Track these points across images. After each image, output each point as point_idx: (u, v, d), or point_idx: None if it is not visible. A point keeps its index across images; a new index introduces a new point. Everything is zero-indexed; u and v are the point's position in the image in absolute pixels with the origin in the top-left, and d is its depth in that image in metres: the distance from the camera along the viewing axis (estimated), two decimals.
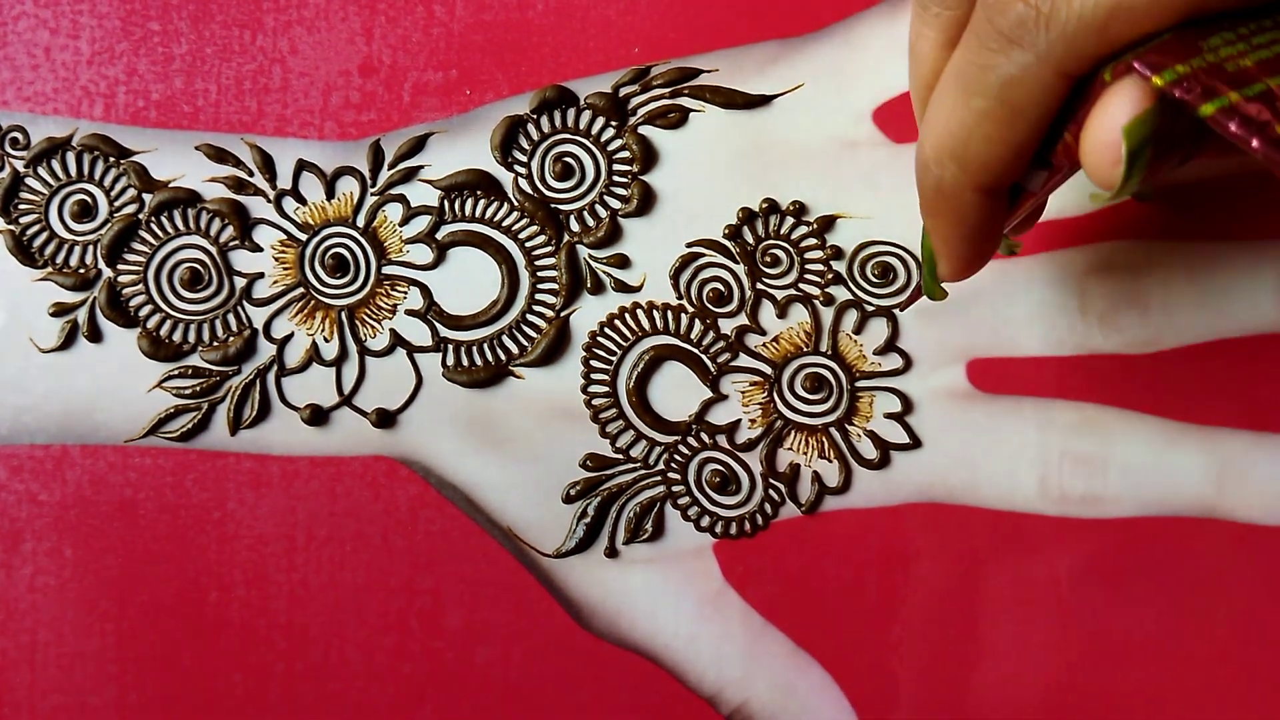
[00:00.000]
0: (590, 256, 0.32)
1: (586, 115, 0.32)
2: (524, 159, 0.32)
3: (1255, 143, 0.18)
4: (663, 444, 0.32)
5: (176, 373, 0.32)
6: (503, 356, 0.32)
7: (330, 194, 0.32)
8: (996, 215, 0.23)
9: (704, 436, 0.31)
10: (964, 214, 0.23)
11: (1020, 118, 0.21)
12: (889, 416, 0.31)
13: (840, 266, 0.31)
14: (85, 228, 0.32)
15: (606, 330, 0.32)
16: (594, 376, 0.32)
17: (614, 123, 0.32)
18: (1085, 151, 0.20)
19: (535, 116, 0.32)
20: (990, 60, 0.20)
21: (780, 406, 0.31)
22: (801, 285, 0.31)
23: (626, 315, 0.32)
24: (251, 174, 0.32)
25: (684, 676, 0.31)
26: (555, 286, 0.32)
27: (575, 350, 0.32)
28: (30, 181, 0.32)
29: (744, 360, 0.32)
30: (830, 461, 0.31)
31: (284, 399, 0.32)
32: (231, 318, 0.32)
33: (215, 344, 0.32)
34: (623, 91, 0.32)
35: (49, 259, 0.32)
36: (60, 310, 0.32)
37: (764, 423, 0.31)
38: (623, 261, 0.32)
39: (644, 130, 0.32)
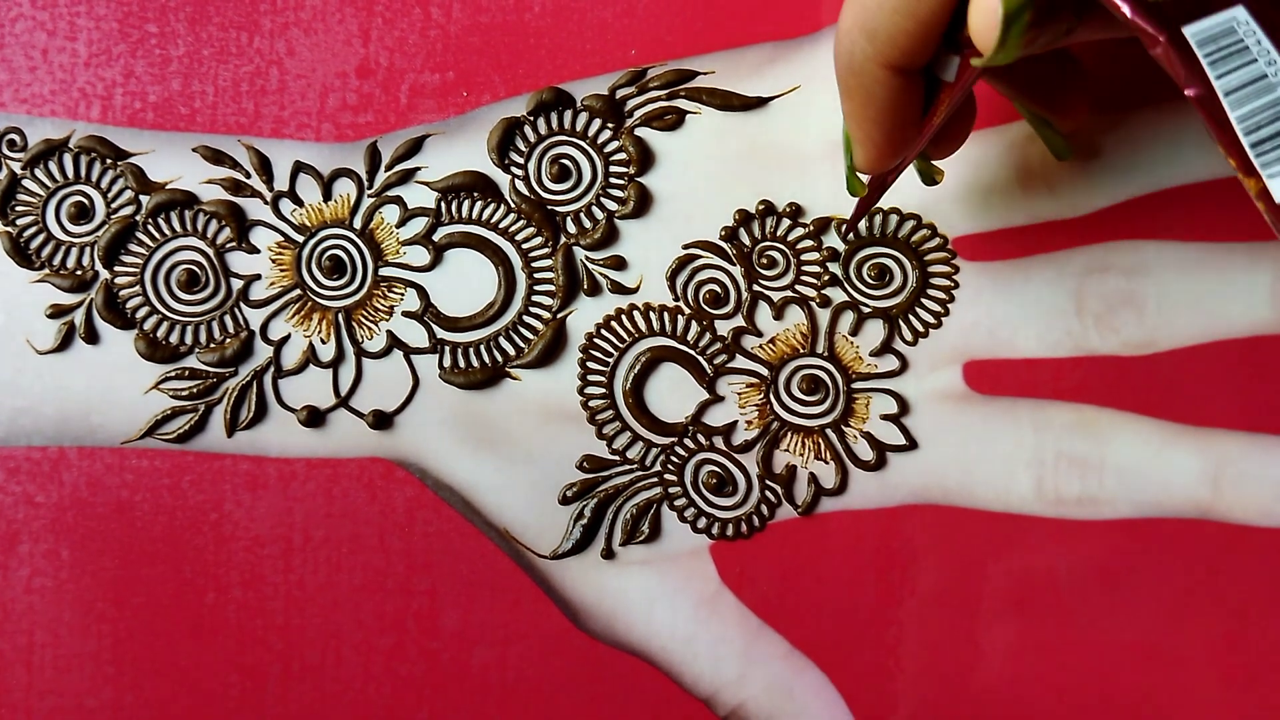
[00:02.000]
0: (587, 258, 0.32)
1: (583, 117, 0.32)
2: (521, 161, 0.32)
3: (1126, 8, 0.19)
4: (659, 445, 0.32)
5: (173, 374, 0.32)
6: (499, 358, 0.32)
7: (327, 196, 0.32)
8: (908, 100, 0.23)
9: (700, 438, 0.32)
10: (873, 92, 0.23)
11: None
12: (885, 418, 0.31)
13: (836, 268, 0.31)
14: (82, 229, 0.32)
15: (603, 332, 0.32)
16: (591, 378, 0.32)
17: (611, 124, 0.32)
18: (971, 16, 0.20)
19: (532, 118, 0.32)
20: None
21: (777, 408, 0.31)
22: (798, 287, 0.31)
23: (623, 317, 0.32)
24: (248, 176, 0.32)
25: (680, 678, 0.31)
26: (552, 288, 0.32)
27: (572, 352, 0.32)
28: (27, 183, 0.32)
29: (741, 362, 0.32)
30: (827, 463, 0.31)
31: (281, 400, 0.32)
32: (228, 319, 0.32)
33: (212, 346, 0.32)
34: (619, 93, 0.32)
35: (46, 260, 0.32)
36: (57, 312, 0.32)
37: (761, 424, 0.31)
38: (619, 263, 0.32)
39: (641, 132, 0.32)
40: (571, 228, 0.32)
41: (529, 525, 0.32)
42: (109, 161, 0.32)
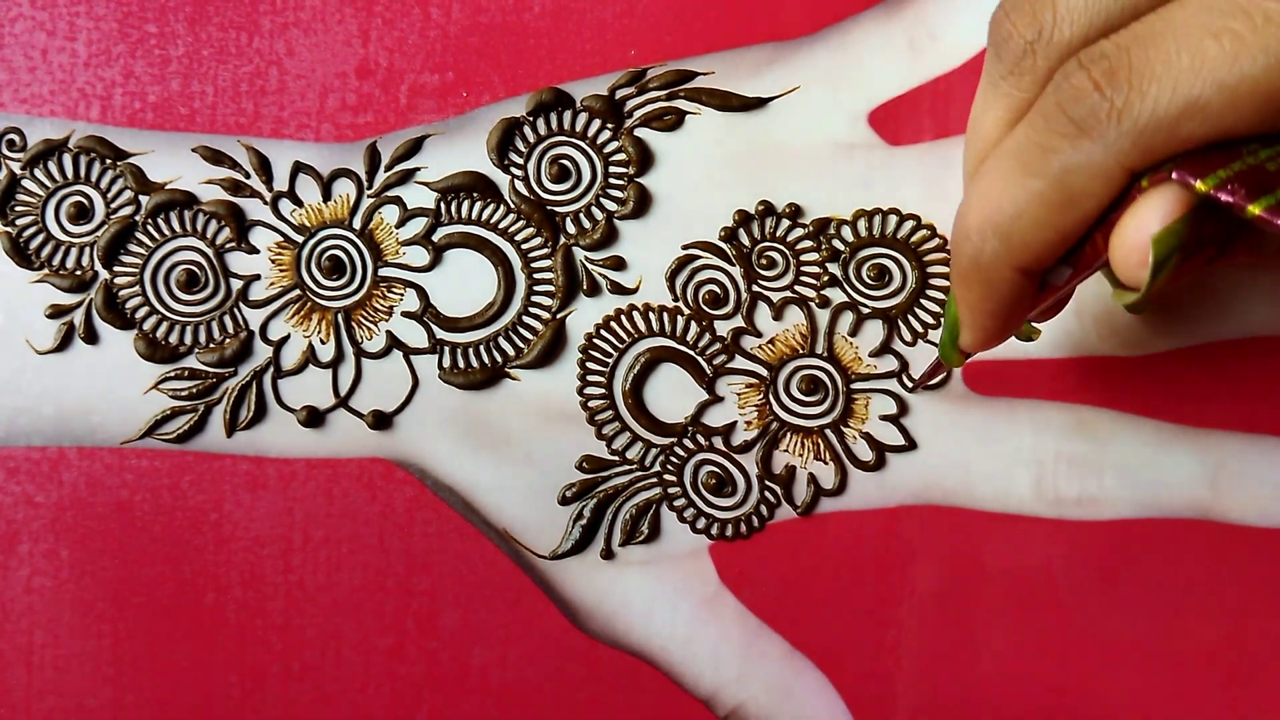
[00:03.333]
0: (586, 259, 0.32)
1: (583, 117, 0.32)
2: (520, 161, 0.32)
3: None
4: (659, 446, 0.32)
5: (173, 374, 0.32)
6: (499, 358, 0.32)
7: (327, 196, 0.32)
8: (1027, 296, 0.23)
9: (700, 438, 0.32)
10: (997, 289, 0.23)
11: (1074, 206, 0.21)
12: (884, 418, 0.31)
13: (836, 268, 0.31)
14: (82, 229, 0.32)
15: (603, 332, 0.32)
16: (590, 378, 0.32)
17: (610, 125, 0.32)
18: (1114, 249, 0.20)
19: (531, 119, 0.32)
20: (1055, 144, 0.20)
21: (776, 408, 0.32)
22: (797, 287, 0.32)
23: (623, 317, 0.32)
24: (248, 176, 0.32)
25: (680, 678, 0.31)
26: (551, 288, 0.32)
27: (571, 352, 0.32)
28: (27, 183, 0.32)
29: (740, 362, 0.32)
30: (826, 463, 0.31)
31: (280, 401, 0.32)
32: (228, 319, 0.32)
33: (212, 346, 0.32)
34: (619, 94, 0.32)
35: (45, 260, 0.32)
36: (57, 312, 0.32)
37: (760, 424, 0.31)
38: (619, 263, 0.32)
39: (640, 132, 0.32)
40: (571, 228, 0.32)
41: (528, 525, 0.32)
42: (108, 161, 0.32)
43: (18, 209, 0.32)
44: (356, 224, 0.32)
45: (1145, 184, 0.20)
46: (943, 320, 0.26)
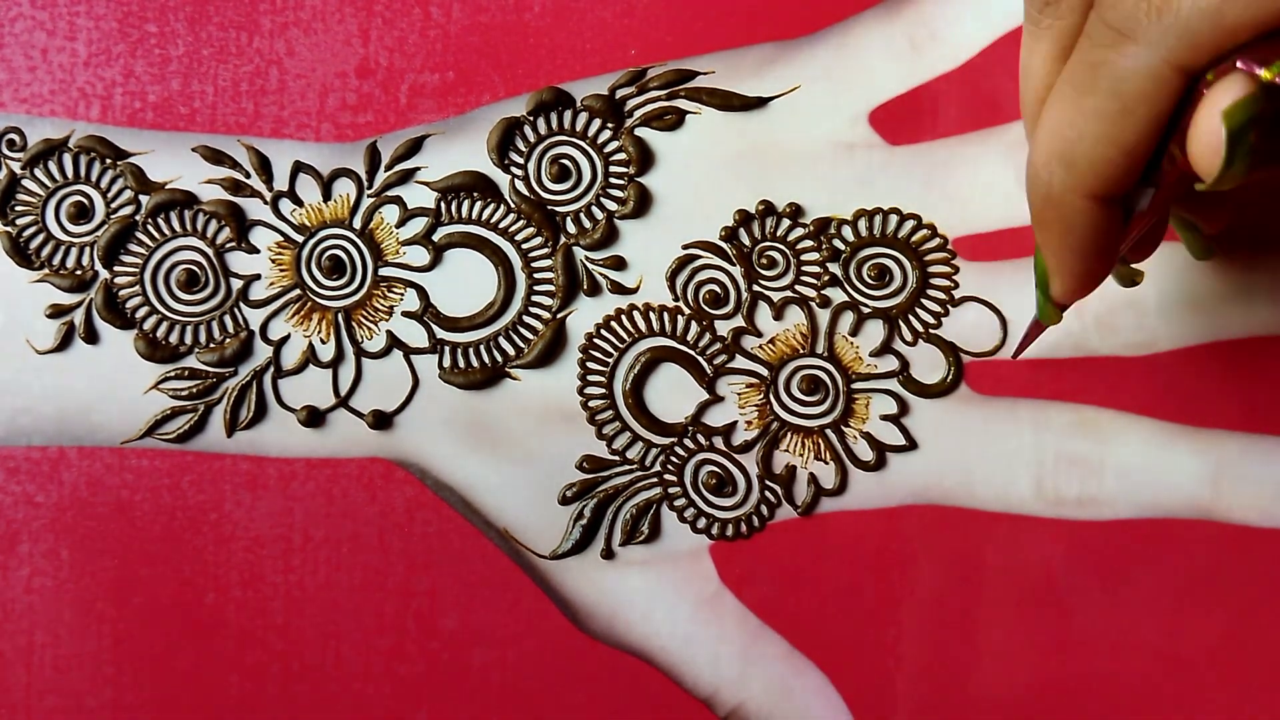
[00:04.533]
0: (587, 258, 0.32)
1: (583, 117, 0.32)
2: (520, 161, 0.32)
3: None
4: (659, 446, 0.32)
5: (173, 374, 0.32)
6: (499, 358, 0.32)
7: (327, 196, 0.32)
8: (1108, 228, 0.22)
9: (700, 438, 0.31)
10: (1073, 223, 0.22)
11: (1131, 115, 0.20)
12: (885, 418, 0.31)
13: (836, 268, 0.31)
14: (82, 229, 0.32)
15: (603, 332, 0.32)
16: (590, 378, 0.32)
17: (610, 124, 0.32)
18: (1192, 143, 0.20)
19: (532, 118, 0.32)
20: (1102, 57, 0.20)
21: (776, 408, 0.31)
22: (798, 287, 0.31)
23: (623, 317, 0.32)
24: (248, 176, 0.32)
25: (680, 678, 0.31)
26: (552, 288, 0.32)
27: (572, 352, 0.32)
28: (27, 183, 0.32)
29: (740, 362, 0.32)
30: (826, 463, 0.31)
31: (280, 400, 0.32)
32: (228, 319, 0.32)
33: (212, 345, 0.32)
34: (619, 93, 0.32)
35: (46, 260, 0.32)
36: (57, 312, 0.32)
37: (760, 424, 0.31)
38: (619, 263, 0.32)
39: (640, 132, 0.32)
40: (571, 228, 0.32)
41: (529, 525, 0.32)
42: (109, 161, 0.32)
43: (18, 209, 0.32)
44: (357, 224, 0.32)
45: (1210, 77, 0.19)
46: (1035, 279, 0.26)
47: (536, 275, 0.32)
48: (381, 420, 0.32)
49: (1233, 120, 0.19)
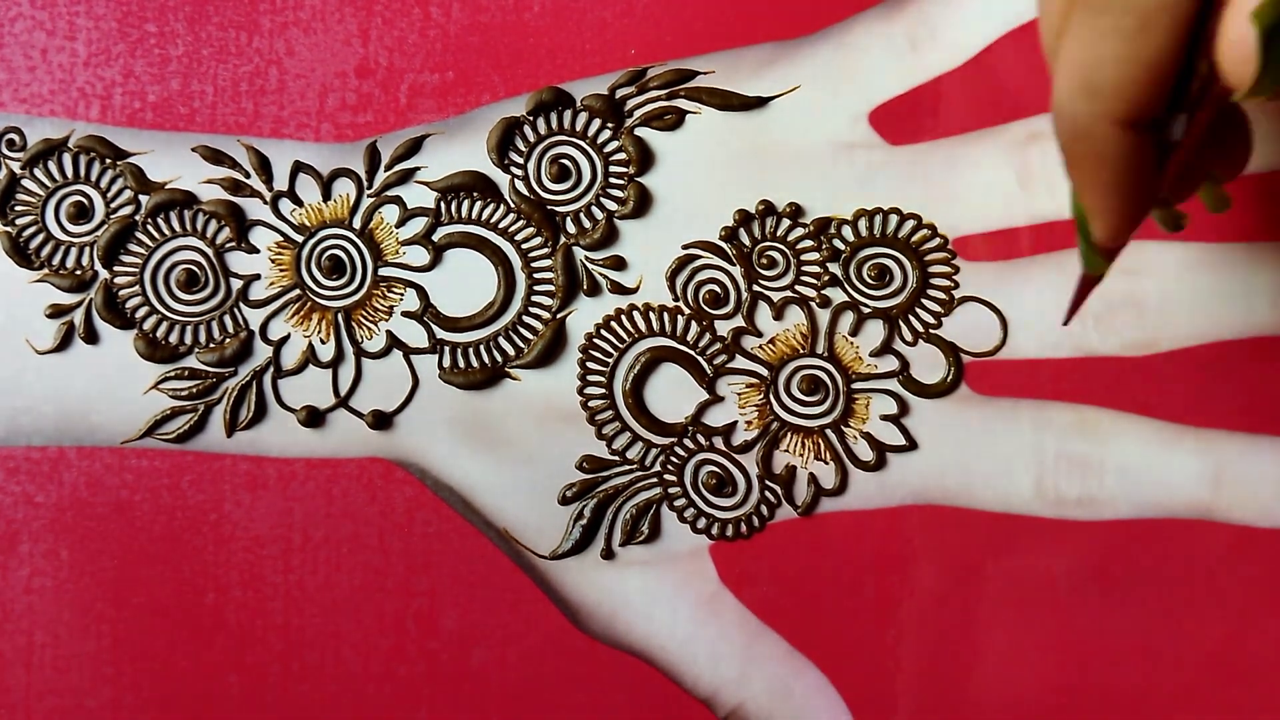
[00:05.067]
0: (587, 258, 0.32)
1: (583, 117, 0.32)
2: (520, 161, 0.32)
3: None
4: (659, 446, 0.32)
5: (173, 374, 0.32)
6: (499, 358, 0.32)
7: (327, 196, 0.32)
8: (1142, 159, 0.21)
9: (700, 438, 0.31)
10: (1105, 154, 0.21)
11: (1150, 29, 0.19)
12: (885, 418, 0.31)
13: (836, 268, 0.31)
14: (82, 229, 0.32)
15: (603, 332, 0.32)
16: (590, 378, 0.32)
17: (610, 124, 0.32)
18: (1219, 53, 0.19)
19: (532, 118, 0.32)
20: None
21: (776, 408, 0.31)
22: (798, 287, 0.31)
23: (623, 317, 0.32)
24: (248, 175, 0.32)
25: (680, 678, 0.31)
26: (551, 288, 0.32)
27: (571, 352, 0.32)
28: (27, 183, 0.32)
29: (740, 362, 0.32)
30: (826, 463, 0.31)
31: (280, 400, 0.32)
32: (228, 319, 0.32)
33: (212, 346, 0.32)
34: (619, 93, 0.32)
35: (45, 260, 0.32)
36: (57, 312, 0.32)
37: (760, 424, 0.31)
38: (619, 263, 0.32)
39: (640, 132, 0.32)
40: (571, 228, 0.32)
41: (528, 525, 0.32)
42: (108, 161, 0.32)
43: (18, 209, 0.32)
44: (356, 224, 0.32)
45: None
46: (1075, 228, 0.25)
47: (536, 275, 0.32)
48: (381, 420, 0.32)
49: (1265, 18, 0.18)
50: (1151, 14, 0.19)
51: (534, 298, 0.32)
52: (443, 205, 0.32)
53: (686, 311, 0.32)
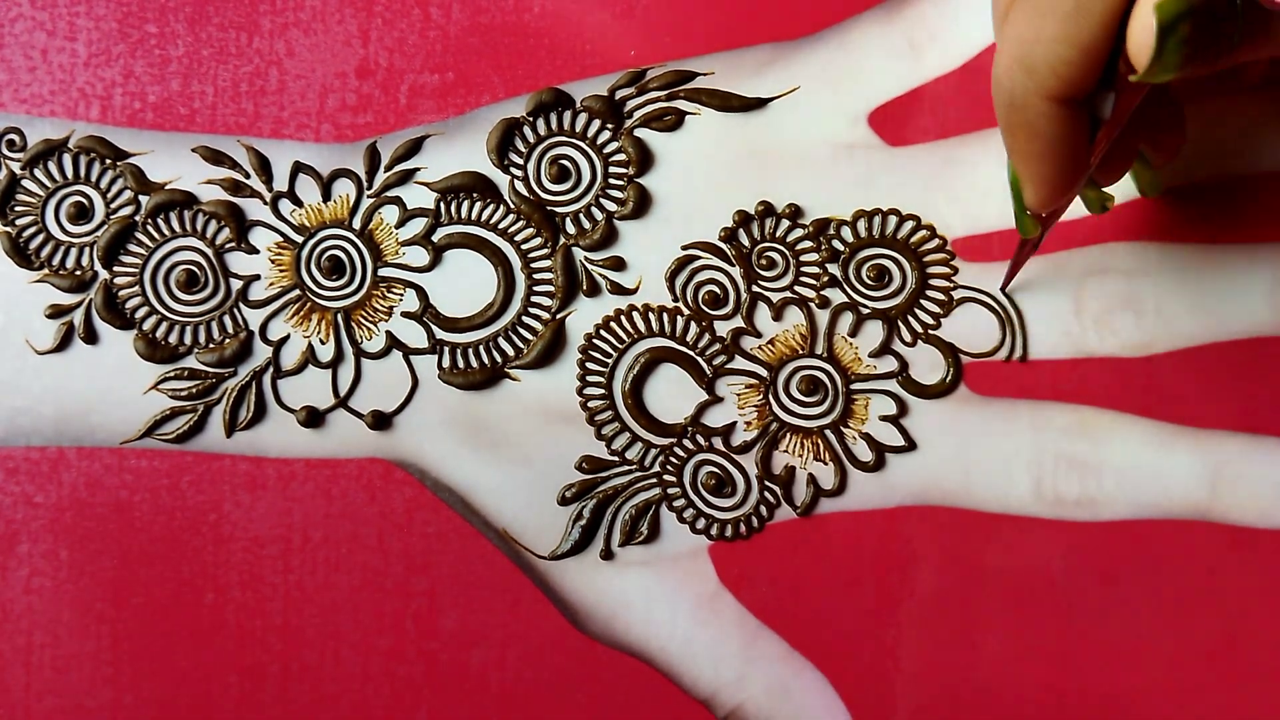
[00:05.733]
0: (586, 259, 0.32)
1: (582, 118, 0.32)
2: (520, 161, 0.32)
3: None
4: (658, 446, 0.32)
5: (172, 375, 0.32)
6: (498, 359, 0.32)
7: (326, 196, 0.32)
8: (1073, 132, 0.23)
9: (699, 439, 0.32)
10: (1038, 127, 0.23)
11: (1085, 13, 0.21)
12: (884, 419, 0.31)
13: (835, 269, 0.31)
14: (82, 229, 0.32)
15: (602, 333, 0.32)
16: (590, 379, 0.32)
17: (610, 125, 0.32)
18: (1130, 34, 0.20)
19: (531, 119, 0.32)
20: None
21: (776, 409, 0.32)
22: (797, 288, 0.32)
23: (622, 318, 0.32)
24: (248, 176, 0.32)
25: (679, 679, 0.31)
26: (551, 289, 0.32)
27: (571, 353, 0.32)
28: (27, 183, 0.32)
29: (740, 363, 0.32)
30: (826, 464, 0.31)
31: (280, 401, 0.32)
32: (228, 320, 0.32)
33: (211, 346, 0.32)
34: (619, 94, 0.32)
35: (45, 260, 0.32)
36: (56, 312, 0.32)
37: (759, 425, 0.31)
38: (618, 264, 0.32)
39: (640, 133, 0.32)
40: (571, 228, 0.32)
41: (528, 526, 0.32)
42: (108, 162, 0.32)
43: (18, 209, 0.32)
44: (356, 224, 0.32)
45: None
46: (1011, 196, 0.26)
47: (536, 276, 0.32)
48: (381, 421, 0.32)
49: (1165, 12, 0.19)
50: None
51: (533, 298, 0.32)
52: (442, 206, 0.32)
53: (686, 312, 0.32)
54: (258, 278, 0.32)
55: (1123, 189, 0.31)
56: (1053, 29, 0.21)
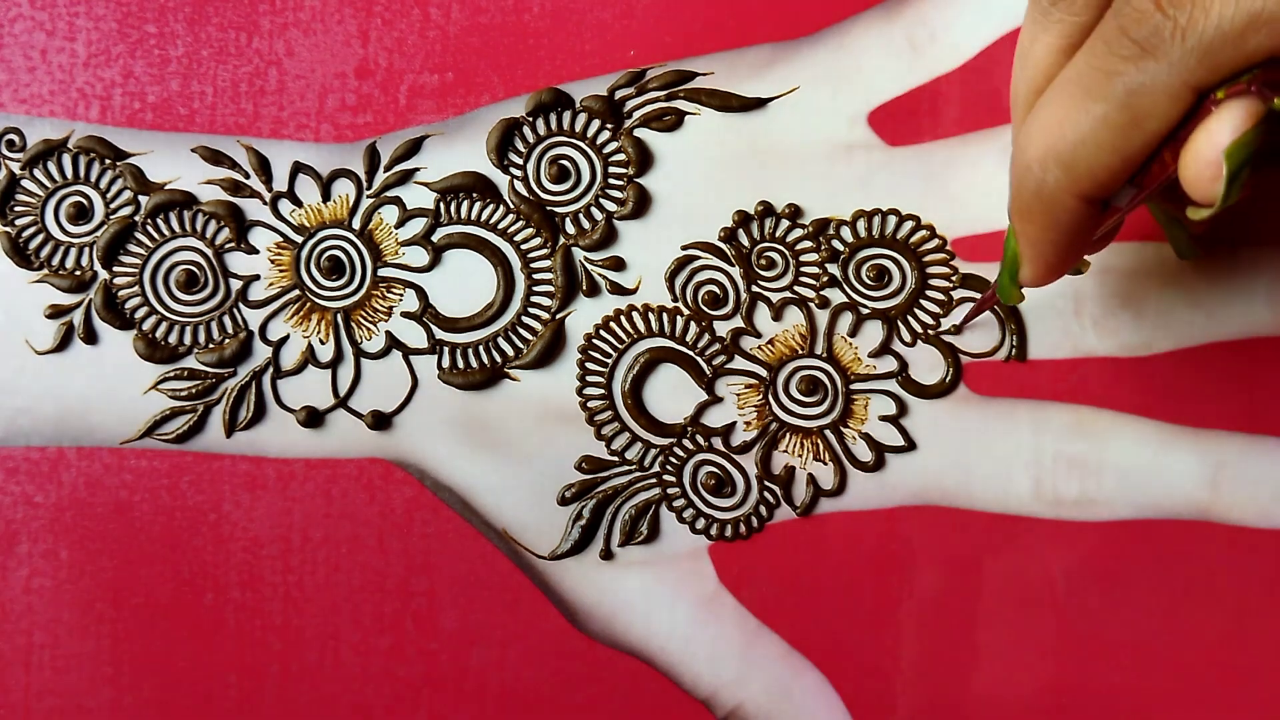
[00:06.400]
0: (586, 259, 0.32)
1: (582, 118, 0.32)
2: (520, 162, 0.32)
3: None
4: (658, 446, 0.32)
5: (172, 375, 0.32)
6: (498, 359, 0.32)
7: (326, 196, 0.32)
8: (1090, 225, 0.23)
9: (699, 439, 0.32)
10: (1060, 220, 0.23)
11: (1139, 128, 0.21)
12: (884, 419, 0.31)
13: (835, 269, 0.31)
14: (81, 229, 0.32)
15: (602, 333, 0.32)
16: (589, 379, 0.32)
17: (609, 125, 0.32)
18: (1186, 166, 0.20)
19: (531, 119, 0.32)
20: (1119, 67, 0.20)
21: (775, 409, 0.32)
22: (797, 288, 0.32)
23: (622, 318, 0.32)
24: (247, 176, 0.32)
25: (679, 679, 0.31)
26: (551, 289, 0.32)
27: (571, 353, 0.32)
28: (26, 183, 0.32)
29: (739, 363, 0.32)
30: (825, 464, 0.31)
31: (280, 401, 0.32)
32: (227, 320, 0.32)
33: (211, 346, 0.32)
34: (618, 94, 0.32)
35: (45, 261, 0.32)
36: (56, 312, 0.32)
37: (759, 425, 0.31)
38: (618, 264, 0.32)
39: (639, 133, 0.32)
40: (570, 228, 0.32)
41: (528, 526, 0.32)
42: (108, 162, 0.32)
43: (17, 209, 0.32)
44: (356, 224, 0.32)
45: (1221, 95, 0.20)
46: (1002, 259, 0.26)
47: (535, 276, 0.32)
48: (380, 421, 0.32)
49: (1234, 160, 0.19)
50: (1145, 117, 0.20)
51: (533, 298, 0.32)
52: (442, 206, 0.32)
53: (685, 312, 0.32)
54: (257, 278, 0.32)
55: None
56: (1102, 136, 0.21)
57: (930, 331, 0.31)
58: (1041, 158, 0.22)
